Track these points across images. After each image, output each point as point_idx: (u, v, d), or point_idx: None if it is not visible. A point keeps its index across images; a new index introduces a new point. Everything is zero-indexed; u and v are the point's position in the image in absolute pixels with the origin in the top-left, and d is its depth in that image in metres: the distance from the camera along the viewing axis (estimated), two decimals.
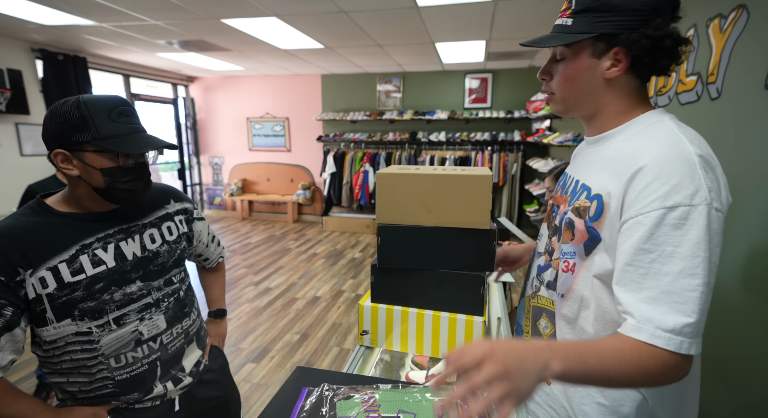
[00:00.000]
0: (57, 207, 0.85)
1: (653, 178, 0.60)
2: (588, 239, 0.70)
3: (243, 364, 2.49)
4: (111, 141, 0.80)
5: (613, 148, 0.72)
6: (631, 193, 0.62)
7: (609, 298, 0.68)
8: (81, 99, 0.80)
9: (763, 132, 1.26)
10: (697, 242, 0.57)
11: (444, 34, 3.55)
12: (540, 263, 0.87)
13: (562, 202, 0.82)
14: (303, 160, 6.30)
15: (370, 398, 0.71)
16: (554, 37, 0.71)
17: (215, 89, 6.36)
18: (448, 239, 1.03)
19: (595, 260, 0.69)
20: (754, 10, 1.34)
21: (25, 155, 3.92)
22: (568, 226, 0.74)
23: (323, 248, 5.00)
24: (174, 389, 0.96)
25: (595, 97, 0.72)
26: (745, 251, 1.29)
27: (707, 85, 1.59)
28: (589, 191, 0.72)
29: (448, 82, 5.50)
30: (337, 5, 2.77)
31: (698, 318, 0.56)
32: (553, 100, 0.78)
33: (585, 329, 0.73)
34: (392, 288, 1.09)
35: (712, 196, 0.58)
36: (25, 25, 3.35)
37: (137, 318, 0.90)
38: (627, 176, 0.63)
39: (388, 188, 1.04)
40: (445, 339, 1.07)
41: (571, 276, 0.74)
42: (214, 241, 1.21)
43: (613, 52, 0.67)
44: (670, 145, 0.62)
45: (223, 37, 3.70)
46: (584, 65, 0.70)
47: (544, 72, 0.77)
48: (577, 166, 0.83)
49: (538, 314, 0.85)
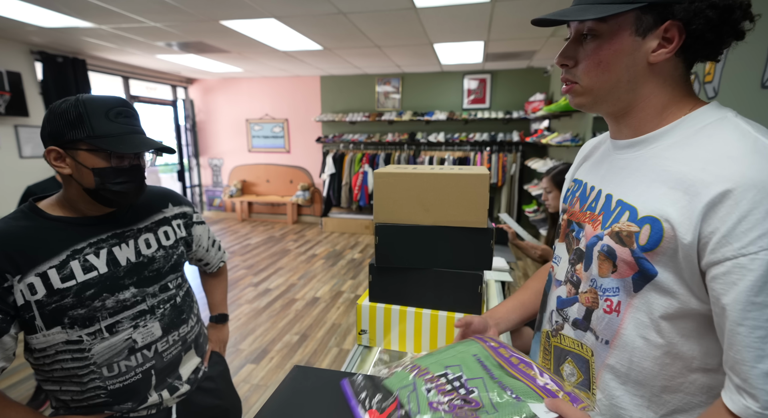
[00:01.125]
0: (50, 211, 0.84)
1: (752, 206, 0.45)
2: (638, 272, 0.55)
3: (242, 365, 2.49)
4: (105, 140, 0.78)
5: (657, 155, 0.56)
6: (718, 225, 0.47)
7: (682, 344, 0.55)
8: (81, 98, 0.79)
9: None
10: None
11: (442, 35, 3.56)
12: (561, 294, 0.71)
13: (586, 221, 0.66)
14: (302, 162, 6.30)
15: (412, 366, 0.70)
16: (586, 9, 0.54)
17: (214, 91, 6.37)
18: (445, 238, 1.03)
19: (650, 300, 0.55)
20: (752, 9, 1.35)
21: (25, 157, 3.93)
22: (607, 255, 0.59)
23: (323, 248, 5.01)
24: (170, 398, 0.94)
25: (633, 86, 0.57)
26: None
27: (704, 84, 1.59)
28: (633, 212, 0.56)
29: (447, 83, 5.51)
30: (336, 7, 2.78)
31: None
32: (576, 91, 0.61)
33: (645, 385, 0.58)
34: (390, 287, 1.10)
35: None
36: (25, 28, 3.36)
37: (131, 325, 0.87)
38: (704, 200, 0.48)
39: (386, 188, 1.04)
40: (443, 338, 1.07)
41: (617, 318, 0.59)
42: (215, 245, 1.18)
43: (663, 28, 0.52)
44: (759, 155, 0.47)
45: (222, 39, 3.71)
46: (625, 45, 0.54)
47: (566, 55, 0.60)
48: (603, 176, 0.66)
49: (561, 358, 0.70)
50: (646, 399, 0.59)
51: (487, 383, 0.61)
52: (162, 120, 6.26)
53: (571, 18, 0.55)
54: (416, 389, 0.63)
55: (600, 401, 0.64)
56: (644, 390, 0.59)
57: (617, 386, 0.61)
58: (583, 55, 0.58)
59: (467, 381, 0.63)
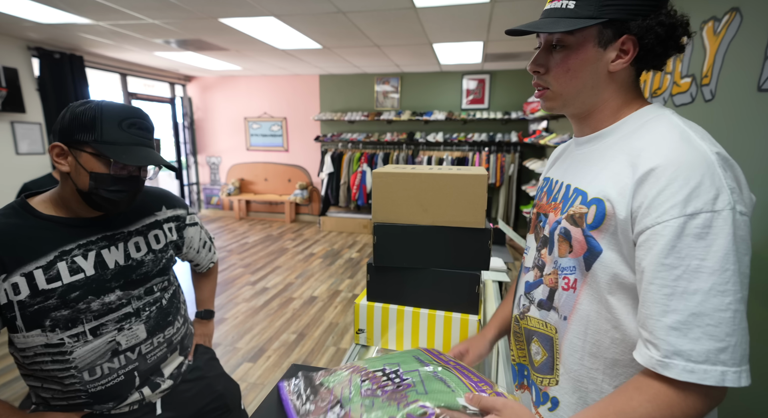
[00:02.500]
0: (41, 208, 0.83)
1: (669, 181, 0.53)
2: (587, 251, 0.62)
3: (239, 363, 2.49)
4: (110, 147, 0.79)
5: (610, 147, 0.65)
6: (642, 199, 0.55)
7: (626, 318, 0.60)
8: (102, 103, 0.81)
9: (756, 134, 1.28)
10: (724, 254, 0.50)
11: (441, 35, 3.56)
12: (528, 279, 0.77)
13: (550, 210, 0.74)
14: (301, 160, 6.29)
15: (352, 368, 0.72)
16: (555, 22, 0.61)
17: (213, 89, 6.35)
18: (443, 238, 1.03)
19: (598, 276, 0.61)
20: (747, 13, 1.36)
21: (21, 154, 3.90)
22: (564, 236, 0.66)
23: (320, 247, 5.00)
24: (152, 394, 0.93)
25: (596, 92, 0.65)
26: None
27: (701, 87, 1.60)
28: (584, 196, 0.64)
29: (446, 83, 5.51)
30: (335, 5, 2.77)
31: (737, 340, 0.50)
32: (548, 96, 0.68)
33: (599, 357, 0.63)
34: (388, 287, 1.10)
35: (735, 199, 0.52)
36: (22, 24, 3.34)
37: (115, 328, 0.87)
38: (634, 179, 0.56)
39: (385, 187, 1.04)
40: (440, 338, 1.07)
41: (574, 295, 0.65)
42: (206, 247, 1.17)
43: (621, 41, 0.60)
44: (682, 142, 0.55)
45: (221, 37, 3.70)
46: (589, 56, 0.62)
47: (538, 63, 0.67)
48: (565, 170, 0.75)
49: (529, 338, 0.76)
50: (600, 371, 0.64)
51: (422, 373, 0.65)
52: (160, 117, 6.24)
53: (543, 30, 0.62)
54: (351, 383, 0.65)
55: (562, 376, 0.69)
56: (599, 363, 0.64)
57: (575, 360, 0.66)
58: (553, 63, 0.65)
59: (403, 373, 0.66)
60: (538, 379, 0.74)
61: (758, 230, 1.23)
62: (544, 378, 0.73)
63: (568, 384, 0.68)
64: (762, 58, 1.25)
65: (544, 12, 0.66)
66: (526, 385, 0.79)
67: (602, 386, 0.64)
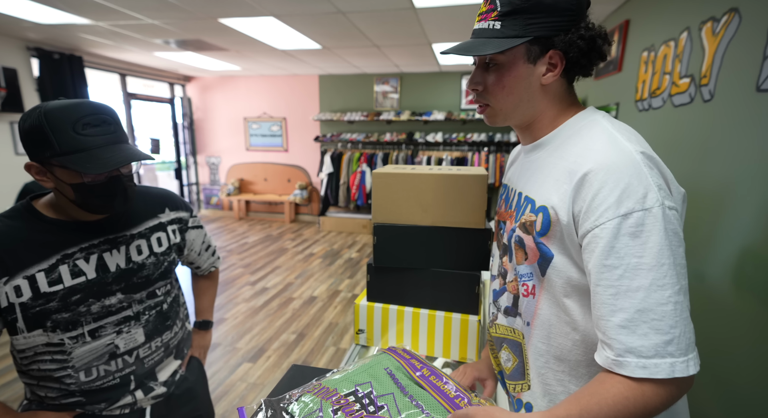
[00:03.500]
0: (46, 212, 0.82)
1: (601, 185, 0.55)
2: (540, 257, 0.64)
3: (239, 363, 2.49)
4: (71, 157, 0.73)
5: (551, 154, 0.68)
6: (582, 203, 0.57)
7: (583, 320, 0.62)
8: (43, 111, 0.73)
9: (754, 133, 1.28)
10: (659, 249, 0.52)
11: (441, 36, 3.56)
12: (495, 287, 0.79)
13: (507, 217, 0.76)
14: (300, 161, 6.29)
15: (319, 389, 0.68)
16: (485, 43, 0.64)
17: (212, 89, 6.34)
18: (443, 239, 1.04)
19: (553, 281, 0.63)
20: (746, 14, 1.36)
21: (20, 154, 3.90)
22: (519, 244, 0.69)
23: (320, 247, 5.00)
24: (144, 398, 0.93)
25: (532, 104, 0.68)
26: (737, 251, 1.31)
27: (700, 87, 1.61)
28: (533, 204, 0.67)
29: (445, 83, 5.52)
30: (335, 6, 2.77)
31: (680, 331, 0.52)
32: (489, 113, 0.71)
33: (563, 360, 0.66)
34: (388, 287, 1.10)
35: (663, 195, 0.55)
36: (21, 24, 3.33)
37: (114, 331, 0.87)
38: (572, 185, 0.59)
39: (385, 188, 1.04)
40: (440, 338, 1.07)
41: (533, 300, 0.68)
42: (209, 250, 1.16)
43: (548, 56, 0.64)
44: (610, 146, 0.58)
45: (221, 37, 3.70)
46: (521, 72, 0.65)
47: (475, 82, 0.69)
48: (518, 177, 0.77)
49: (500, 345, 0.77)
50: (566, 374, 0.66)
51: (397, 398, 0.62)
52: (159, 118, 6.23)
53: (473, 53, 0.64)
54: (322, 413, 0.61)
55: (533, 381, 0.70)
56: (564, 365, 0.66)
57: (542, 364, 0.68)
58: (490, 81, 0.68)
59: (377, 398, 0.63)
60: (511, 386, 0.75)
61: (758, 229, 1.23)
62: (516, 384, 0.74)
63: (539, 388, 0.69)
64: (761, 58, 1.26)
65: (473, 32, 0.68)
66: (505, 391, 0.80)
67: (569, 388, 0.66)
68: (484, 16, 0.65)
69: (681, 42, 1.80)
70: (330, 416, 0.60)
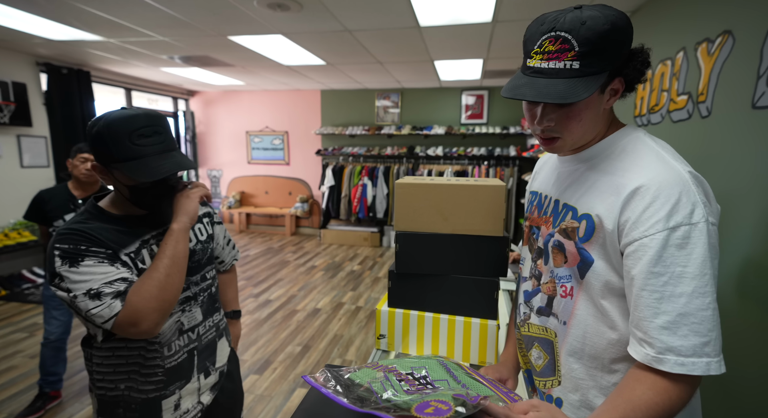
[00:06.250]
0: (111, 210, 0.91)
1: (652, 199, 0.60)
2: (580, 261, 0.69)
3: (246, 375, 2.48)
4: (127, 164, 0.83)
5: (592, 168, 0.72)
6: (630, 214, 0.62)
7: (621, 320, 0.67)
8: (106, 121, 0.82)
9: (751, 149, 1.35)
10: (702, 261, 0.58)
11: (443, 53, 3.67)
12: (527, 288, 0.83)
13: (542, 223, 0.80)
14: (301, 174, 6.35)
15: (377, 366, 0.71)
16: (573, 86, 0.63)
17: (215, 103, 6.43)
18: (463, 246, 1.08)
19: (592, 283, 0.68)
20: (739, 35, 1.45)
21: (26, 167, 3.93)
22: (558, 248, 0.73)
23: (322, 260, 5.02)
24: (205, 383, 1.02)
25: (595, 128, 0.71)
26: (739, 261, 1.36)
27: (698, 104, 1.68)
28: (575, 211, 0.71)
29: (445, 98, 5.64)
30: (342, 24, 2.87)
31: (716, 334, 0.58)
32: (558, 144, 0.72)
33: (597, 357, 0.70)
34: (409, 293, 1.14)
35: (707, 211, 0.60)
36: (32, 40, 3.41)
37: (180, 309, 0.96)
38: (621, 197, 0.63)
39: (406, 197, 1.09)
40: (460, 342, 1.11)
41: (571, 301, 0.72)
42: (230, 244, 1.26)
43: (614, 82, 0.67)
44: (660, 164, 0.63)
45: (228, 53, 3.79)
46: (595, 102, 0.67)
47: (549, 119, 0.69)
48: (551, 185, 0.81)
49: (530, 344, 0.81)
50: (599, 369, 0.71)
51: (451, 384, 0.65)
52: None
53: (573, 100, 0.62)
54: (389, 380, 0.65)
55: (564, 377, 0.75)
56: (597, 362, 0.71)
57: (575, 360, 0.73)
58: (563, 114, 0.67)
59: (433, 381, 0.66)
60: (541, 382, 0.79)
61: (758, 240, 1.28)
62: (546, 381, 0.78)
63: (570, 383, 0.74)
64: (755, 77, 1.33)
65: (543, 71, 0.64)
66: (534, 389, 0.83)
67: (601, 383, 0.71)
68: (555, 55, 0.63)
69: (678, 61, 1.89)
70: (397, 382, 0.64)
